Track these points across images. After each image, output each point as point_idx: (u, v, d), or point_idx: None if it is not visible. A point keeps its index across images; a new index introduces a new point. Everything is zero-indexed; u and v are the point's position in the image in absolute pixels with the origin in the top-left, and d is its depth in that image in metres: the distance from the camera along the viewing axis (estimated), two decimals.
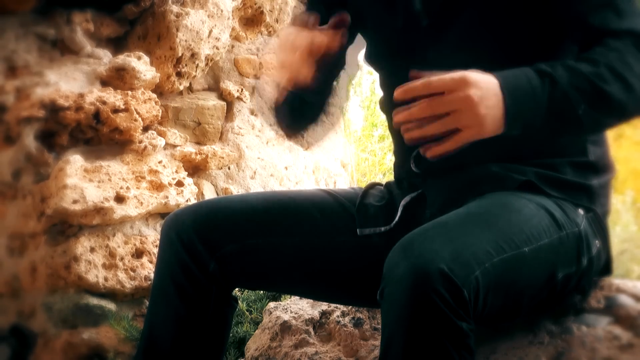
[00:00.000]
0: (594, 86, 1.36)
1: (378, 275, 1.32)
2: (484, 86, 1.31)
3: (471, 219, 1.37)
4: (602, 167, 1.57)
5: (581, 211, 1.52)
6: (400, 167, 1.69)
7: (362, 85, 5.75)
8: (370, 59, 1.73)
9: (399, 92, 1.32)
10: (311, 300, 1.97)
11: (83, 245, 2.81)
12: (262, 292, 2.55)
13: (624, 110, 1.40)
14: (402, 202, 1.63)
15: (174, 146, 3.07)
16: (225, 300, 1.64)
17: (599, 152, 1.57)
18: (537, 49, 1.50)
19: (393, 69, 1.65)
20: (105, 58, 3.03)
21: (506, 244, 1.34)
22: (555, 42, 1.52)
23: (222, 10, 3.12)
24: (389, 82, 1.69)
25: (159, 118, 3.01)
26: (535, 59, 1.40)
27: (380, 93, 1.87)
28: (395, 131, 1.71)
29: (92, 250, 2.82)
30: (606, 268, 1.61)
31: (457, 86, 1.30)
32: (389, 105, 1.71)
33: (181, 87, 3.15)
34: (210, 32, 3.09)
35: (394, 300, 1.26)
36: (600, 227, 1.55)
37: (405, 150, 1.66)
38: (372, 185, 1.74)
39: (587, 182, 1.54)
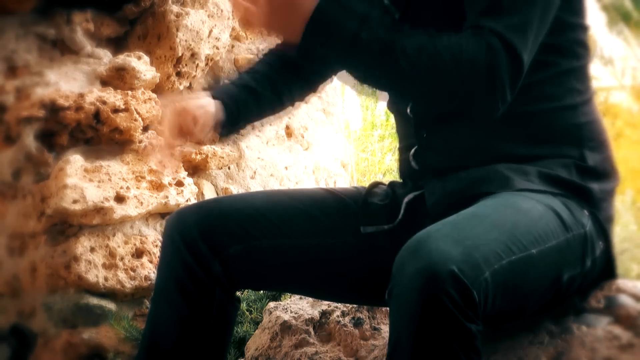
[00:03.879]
0: (390, 36, 1.38)
1: (381, 274, 1.32)
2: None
3: (480, 219, 1.36)
4: (603, 174, 1.57)
5: (586, 212, 1.51)
6: (403, 165, 1.69)
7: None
8: None
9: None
10: (311, 300, 1.97)
11: (83, 245, 2.81)
12: (262, 291, 2.55)
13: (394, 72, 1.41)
14: (405, 200, 1.63)
15: None
16: (229, 300, 1.63)
17: (598, 158, 1.56)
18: None
19: None
20: (105, 58, 3.03)
21: (515, 246, 1.33)
22: None
23: (222, 10, 3.12)
24: None
25: (159, 118, 3.01)
26: None
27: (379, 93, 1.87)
28: (400, 130, 1.71)
29: (92, 250, 2.82)
30: (610, 272, 1.60)
31: None
32: (393, 104, 1.72)
33: (181, 87, 3.14)
34: (211, 32, 3.09)
35: (403, 300, 1.26)
36: (602, 230, 1.54)
37: (406, 147, 1.66)
38: (376, 184, 1.74)
39: (587, 185, 1.53)
